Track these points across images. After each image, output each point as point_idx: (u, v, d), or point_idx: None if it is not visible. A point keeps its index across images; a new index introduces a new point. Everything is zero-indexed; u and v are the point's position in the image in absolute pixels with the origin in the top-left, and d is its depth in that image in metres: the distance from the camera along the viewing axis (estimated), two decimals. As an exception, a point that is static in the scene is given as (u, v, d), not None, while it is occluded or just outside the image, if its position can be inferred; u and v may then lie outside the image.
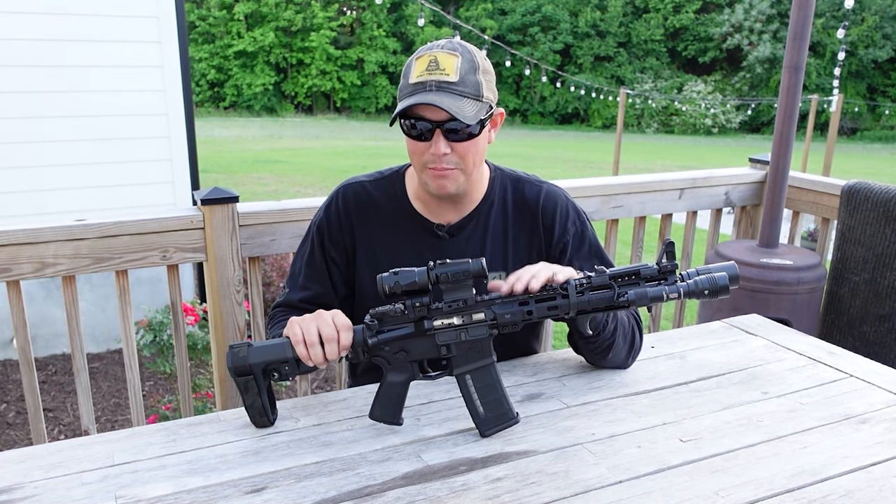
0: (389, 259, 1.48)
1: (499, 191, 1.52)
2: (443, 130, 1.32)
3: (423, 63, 1.32)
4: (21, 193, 3.88)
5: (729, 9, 30.90)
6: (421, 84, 1.31)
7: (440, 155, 1.34)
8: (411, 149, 1.38)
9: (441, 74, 1.30)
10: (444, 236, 1.48)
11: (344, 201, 1.51)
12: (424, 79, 1.31)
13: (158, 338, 2.90)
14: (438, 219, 1.49)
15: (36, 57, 3.82)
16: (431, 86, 1.30)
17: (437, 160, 1.35)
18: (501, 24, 31.77)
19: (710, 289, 1.16)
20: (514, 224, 1.51)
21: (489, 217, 1.50)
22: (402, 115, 1.34)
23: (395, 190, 1.52)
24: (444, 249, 1.48)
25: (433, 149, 1.34)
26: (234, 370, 1.21)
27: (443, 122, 1.32)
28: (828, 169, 10.21)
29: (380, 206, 1.51)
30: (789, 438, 1.21)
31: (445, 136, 1.33)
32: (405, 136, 1.38)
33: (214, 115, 28.80)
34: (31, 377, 1.88)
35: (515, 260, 1.50)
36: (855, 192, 2.51)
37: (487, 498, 1.04)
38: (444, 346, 1.21)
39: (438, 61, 1.31)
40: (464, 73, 1.32)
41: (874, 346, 2.46)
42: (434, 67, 1.31)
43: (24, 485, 1.08)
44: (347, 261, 1.52)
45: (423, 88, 1.30)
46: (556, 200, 1.52)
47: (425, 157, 1.36)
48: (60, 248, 1.80)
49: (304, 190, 11.29)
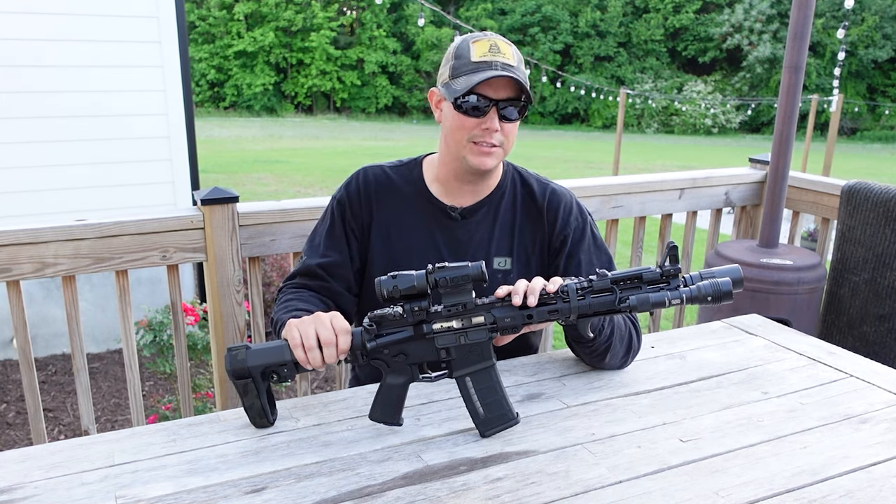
0: (401, 236, 1.53)
1: (510, 183, 1.58)
2: (498, 109, 1.40)
3: (485, 46, 1.40)
4: (21, 193, 3.88)
5: (729, 9, 30.89)
6: (486, 63, 1.38)
7: (493, 130, 1.41)
8: (459, 124, 1.43)
9: (503, 58, 1.39)
10: (456, 217, 1.53)
11: (364, 180, 1.57)
12: (489, 59, 1.38)
13: (158, 338, 2.90)
14: (453, 202, 1.54)
15: (36, 57, 3.82)
16: (497, 66, 1.37)
17: (487, 136, 1.42)
18: (501, 24, 31.76)
19: (713, 295, 1.16)
20: (521, 215, 1.56)
21: (500, 205, 1.56)
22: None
23: (413, 175, 1.58)
24: (455, 230, 1.53)
25: (487, 124, 1.41)
26: (233, 373, 1.21)
27: (500, 100, 1.40)
28: (828, 169, 10.21)
29: (397, 188, 1.56)
30: (789, 438, 1.21)
31: (499, 115, 1.41)
32: (453, 112, 1.43)
33: (214, 115, 28.79)
34: (31, 377, 1.88)
35: (520, 248, 1.55)
36: (855, 193, 2.51)
37: (487, 498, 1.04)
38: (444, 349, 1.21)
39: (499, 47, 1.40)
40: (518, 61, 1.42)
41: (874, 346, 2.46)
42: (496, 51, 1.39)
43: (24, 485, 1.08)
44: (363, 236, 1.56)
45: (490, 67, 1.37)
46: (561, 198, 1.58)
47: (474, 132, 1.42)
48: (60, 248, 1.80)
49: (304, 190, 11.29)
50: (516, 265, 1.54)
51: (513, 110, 1.42)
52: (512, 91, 1.40)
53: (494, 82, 1.38)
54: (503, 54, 1.39)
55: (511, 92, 1.40)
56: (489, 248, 1.54)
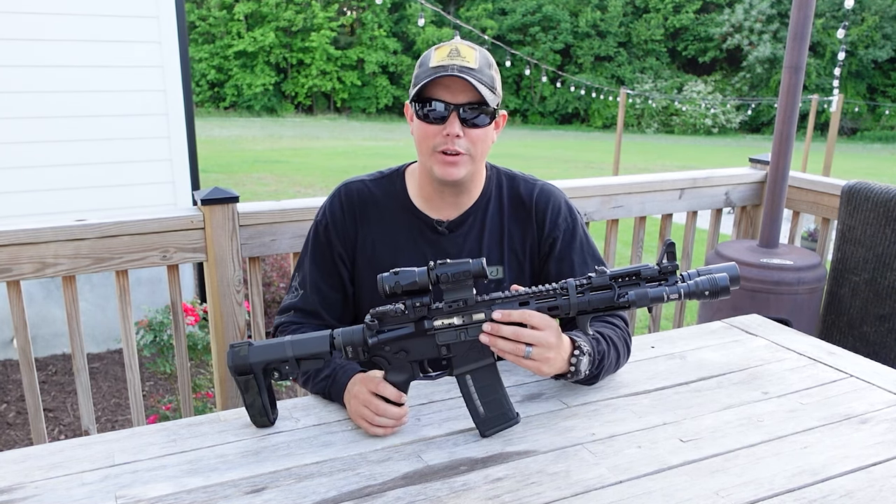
0: (388, 253, 1.49)
1: (496, 188, 1.54)
2: (459, 114, 1.36)
3: (444, 51, 1.38)
4: (21, 193, 3.88)
5: (729, 9, 30.90)
6: (443, 67, 1.35)
7: (454, 136, 1.37)
8: (422, 132, 1.40)
9: (462, 61, 1.36)
10: (443, 231, 1.50)
11: (347, 197, 1.52)
12: (446, 63, 1.35)
13: (158, 338, 2.90)
14: (438, 215, 1.50)
15: (36, 57, 3.82)
16: (454, 69, 1.34)
17: (449, 142, 1.37)
18: (502, 24, 31.78)
19: (710, 290, 1.16)
20: (510, 220, 1.52)
21: (486, 213, 1.52)
22: (418, 97, 1.37)
23: (396, 187, 1.53)
24: (443, 244, 1.50)
25: (448, 129, 1.37)
26: (235, 369, 1.21)
27: (460, 105, 1.36)
28: (828, 169, 10.21)
29: (380, 203, 1.52)
30: (789, 438, 1.21)
31: (461, 121, 1.37)
32: (417, 121, 1.41)
33: (214, 115, 28.79)
34: (31, 377, 1.88)
35: (511, 254, 1.52)
36: (855, 193, 2.51)
37: (487, 498, 1.04)
38: (445, 346, 1.21)
39: (459, 50, 1.37)
40: (481, 64, 1.38)
41: (874, 346, 2.46)
42: (455, 55, 1.36)
43: (25, 485, 1.08)
44: (351, 255, 1.52)
45: (446, 71, 1.34)
46: (549, 197, 1.54)
47: (437, 140, 1.38)
48: (61, 248, 1.80)
49: (304, 190, 11.29)
50: (508, 273, 1.52)
51: (482, 117, 1.37)
52: (473, 95, 1.35)
53: (453, 87, 1.35)
54: (463, 57, 1.35)
55: (472, 96, 1.35)
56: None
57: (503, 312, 1.18)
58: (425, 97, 1.37)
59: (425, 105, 1.37)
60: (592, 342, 1.32)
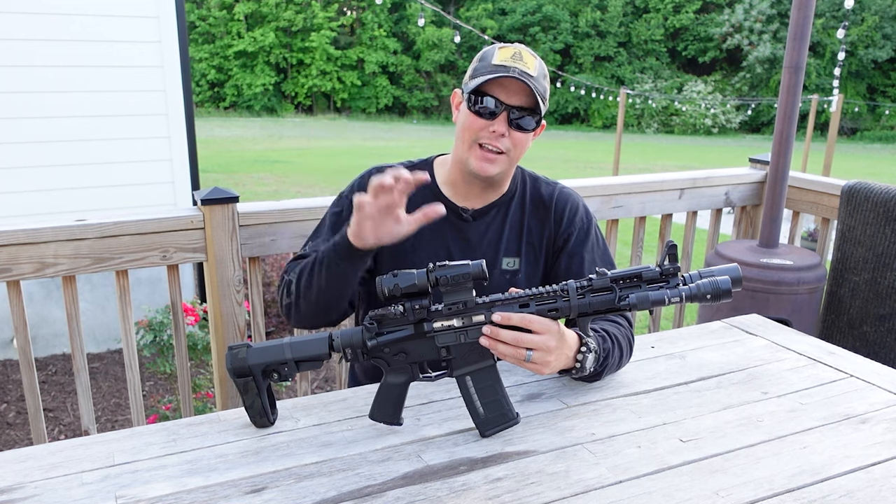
0: (412, 236, 1.49)
1: (520, 186, 1.61)
2: (509, 114, 1.42)
3: (508, 52, 1.42)
4: (21, 193, 3.89)
5: (729, 9, 30.89)
6: (504, 67, 1.39)
7: (499, 134, 1.42)
8: (469, 123, 1.44)
9: (524, 66, 1.41)
10: (468, 218, 1.55)
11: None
12: (509, 64, 1.40)
13: (158, 338, 2.90)
14: (464, 204, 1.55)
15: (36, 57, 3.82)
16: (515, 71, 1.39)
17: (494, 139, 1.43)
18: (502, 24, 31.77)
19: (712, 293, 1.16)
20: (530, 216, 1.59)
21: (510, 207, 1.58)
22: (476, 90, 1.41)
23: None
24: (466, 230, 1.55)
25: (495, 126, 1.42)
26: (234, 371, 1.21)
27: (512, 106, 1.41)
28: (828, 169, 10.22)
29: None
30: (789, 438, 1.21)
31: (508, 121, 1.42)
32: (465, 111, 1.44)
33: (214, 115, 28.79)
34: (31, 377, 1.88)
35: (528, 248, 1.57)
36: (855, 193, 2.51)
37: (487, 498, 1.04)
38: (444, 347, 1.21)
39: (522, 55, 1.42)
40: (539, 73, 1.43)
41: (874, 346, 2.46)
42: (518, 59, 1.41)
43: (24, 485, 1.08)
44: None
45: (507, 72, 1.38)
46: (568, 199, 1.62)
47: (482, 133, 1.43)
48: (60, 248, 1.80)
49: (304, 190, 11.29)
50: (524, 265, 1.56)
51: (528, 120, 1.43)
52: (526, 100, 1.41)
53: (510, 88, 1.40)
54: (524, 63, 1.40)
55: (525, 101, 1.41)
56: (498, 248, 1.55)
57: (503, 315, 1.18)
58: (481, 91, 1.41)
59: (480, 98, 1.41)
60: (598, 339, 1.33)
